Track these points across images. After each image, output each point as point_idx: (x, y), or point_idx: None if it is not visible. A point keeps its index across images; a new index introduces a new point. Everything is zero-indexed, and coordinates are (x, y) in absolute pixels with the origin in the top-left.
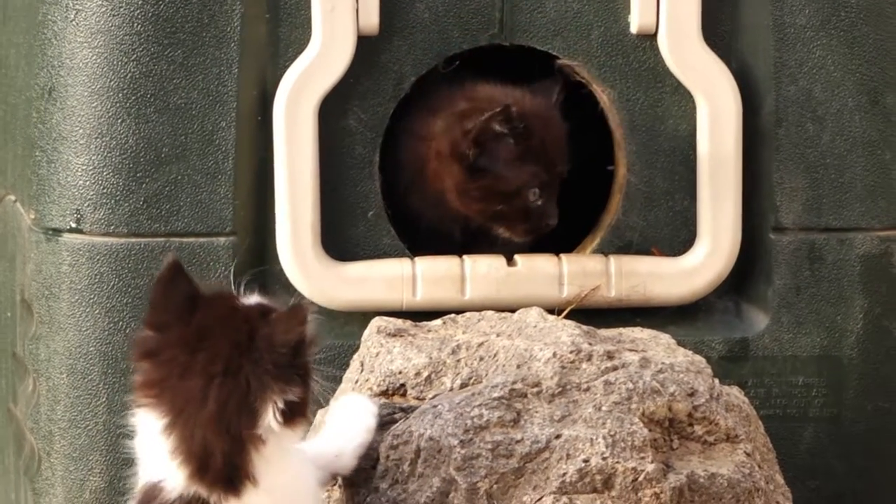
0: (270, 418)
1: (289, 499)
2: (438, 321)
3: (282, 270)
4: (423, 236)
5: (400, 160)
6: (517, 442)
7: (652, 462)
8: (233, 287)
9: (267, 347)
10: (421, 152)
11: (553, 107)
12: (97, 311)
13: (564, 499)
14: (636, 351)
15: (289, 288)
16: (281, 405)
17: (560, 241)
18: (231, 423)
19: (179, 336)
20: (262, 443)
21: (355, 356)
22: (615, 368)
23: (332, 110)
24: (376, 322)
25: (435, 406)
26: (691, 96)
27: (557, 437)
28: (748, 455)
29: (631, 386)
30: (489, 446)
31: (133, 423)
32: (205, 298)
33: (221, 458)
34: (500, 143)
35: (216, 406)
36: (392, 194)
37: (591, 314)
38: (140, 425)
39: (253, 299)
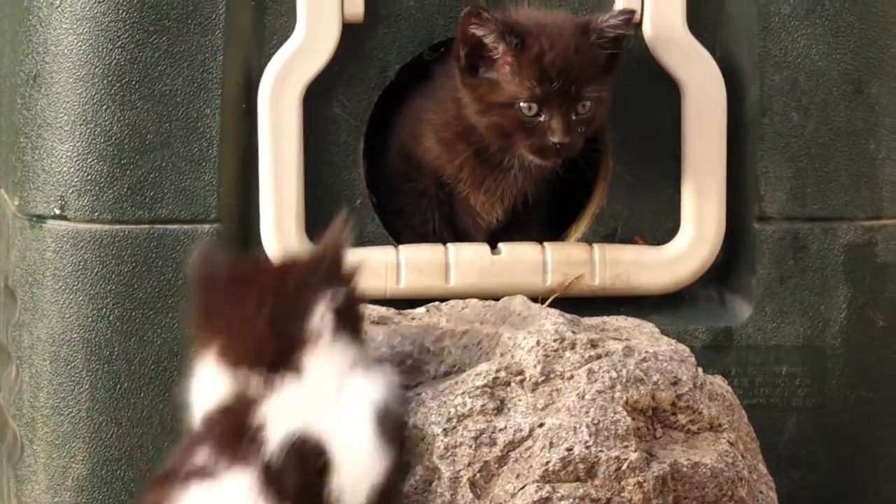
0: (320, 315)
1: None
2: (422, 309)
3: (266, 258)
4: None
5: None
6: (500, 430)
7: (635, 451)
8: None
9: (309, 259)
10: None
11: (570, 25)
12: (81, 298)
13: (548, 487)
14: (620, 339)
15: None
16: (330, 304)
17: (544, 229)
18: (282, 325)
19: (228, 280)
20: (312, 343)
21: None
22: (599, 357)
23: (317, 98)
24: None
25: (418, 394)
26: (676, 85)
27: (541, 425)
28: (731, 444)
29: (614, 374)
30: (472, 434)
31: (190, 387)
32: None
33: (270, 353)
34: (485, 48)
35: (268, 315)
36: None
37: (575, 302)
38: (196, 379)
39: None
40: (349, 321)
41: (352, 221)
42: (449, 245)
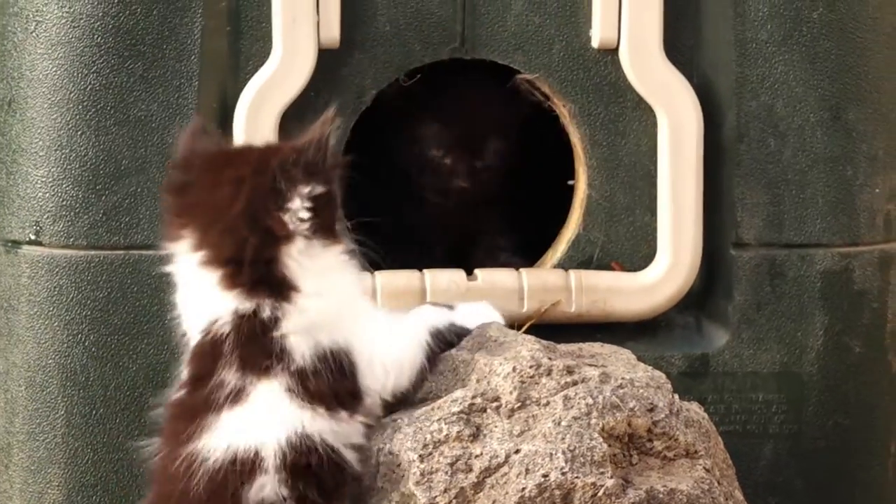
0: (298, 208)
1: (338, 304)
2: None
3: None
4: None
5: None
6: (476, 456)
7: (611, 477)
8: None
9: (291, 147)
10: None
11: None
12: (56, 324)
13: None
14: (596, 366)
15: None
16: (306, 193)
17: (521, 255)
18: (259, 214)
19: (207, 162)
20: (291, 238)
21: None
22: (575, 383)
23: (293, 123)
24: None
25: (394, 420)
26: (652, 111)
27: (517, 451)
28: (708, 471)
29: (590, 401)
30: (448, 461)
31: (171, 272)
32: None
33: (252, 250)
34: None
35: (245, 202)
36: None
37: (552, 329)
38: (176, 266)
39: None
40: (327, 218)
41: (339, 119)
42: (425, 271)
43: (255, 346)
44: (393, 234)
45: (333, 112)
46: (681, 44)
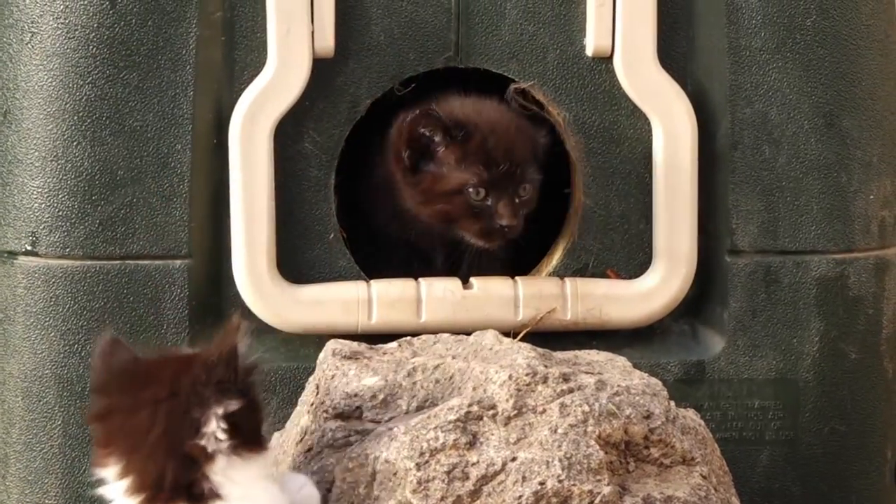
0: (214, 430)
1: None
2: (394, 344)
3: (237, 293)
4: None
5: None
6: (473, 464)
7: (608, 485)
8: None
9: (202, 363)
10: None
11: (504, 109)
12: (52, 335)
13: None
14: (592, 373)
15: (244, 311)
16: (221, 413)
17: (516, 263)
18: (177, 439)
19: (127, 385)
20: (211, 459)
21: (311, 379)
22: (571, 391)
23: (288, 133)
24: (332, 345)
25: (391, 429)
26: (647, 119)
27: (513, 459)
28: (704, 478)
29: (587, 408)
30: (445, 469)
31: (103, 495)
32: (149, 355)
33: (172, 476)
34: (432, 144)
35: (163, 426)
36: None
37: (548, 337)
38: (106, 489)
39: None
40: (248, 429)
41: (245, 325)
42: (420, 280)
43: None
44: (383, 242)
45: (238, 318)
46: (675, 52)
